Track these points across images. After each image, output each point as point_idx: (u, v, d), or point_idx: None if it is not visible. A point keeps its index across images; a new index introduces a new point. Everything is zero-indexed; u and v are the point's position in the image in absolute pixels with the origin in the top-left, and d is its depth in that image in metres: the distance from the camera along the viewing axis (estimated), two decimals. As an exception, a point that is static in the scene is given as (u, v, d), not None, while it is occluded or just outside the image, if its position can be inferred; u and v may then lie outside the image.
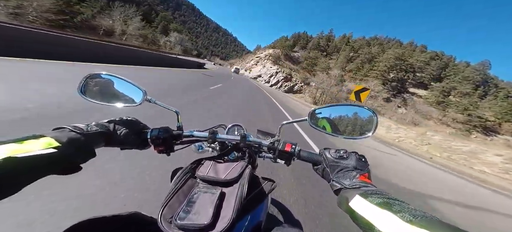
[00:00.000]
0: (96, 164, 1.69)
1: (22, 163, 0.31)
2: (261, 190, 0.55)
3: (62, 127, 0.43)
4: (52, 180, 0.43)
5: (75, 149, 0.40)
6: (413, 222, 0.29)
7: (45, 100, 2.80)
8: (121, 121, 0.55)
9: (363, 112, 0.59)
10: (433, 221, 0.29)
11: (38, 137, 0.37)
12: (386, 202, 0.35)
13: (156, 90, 5.82)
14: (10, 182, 0.30)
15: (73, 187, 1.45)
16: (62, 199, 1.34)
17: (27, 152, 0.32)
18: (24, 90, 2.98)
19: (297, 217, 1.05)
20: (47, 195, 1.32)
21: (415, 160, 9.22)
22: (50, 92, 3.21)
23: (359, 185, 0.43)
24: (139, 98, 0.61)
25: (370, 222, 0.34)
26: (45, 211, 1.22)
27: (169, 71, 12.21)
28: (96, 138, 0.47)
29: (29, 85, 3.25)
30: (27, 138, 0.35)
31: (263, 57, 59.85)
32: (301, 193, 2.37)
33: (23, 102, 2.52)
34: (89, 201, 1.40)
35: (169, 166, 0.70)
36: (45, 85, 3.48)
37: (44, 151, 0.34)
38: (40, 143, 0.35)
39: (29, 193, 1.27)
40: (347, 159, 0.50)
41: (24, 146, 0.33)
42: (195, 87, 8.77)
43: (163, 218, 0.41)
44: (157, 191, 1.65)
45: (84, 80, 0.59)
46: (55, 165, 0.37)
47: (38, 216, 1.19)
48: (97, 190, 1.51)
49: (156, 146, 0.59)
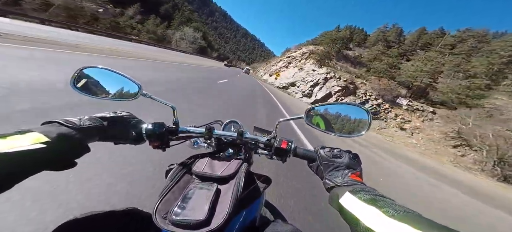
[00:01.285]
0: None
1: (7, 159, 0.31)
2: (256, 186, 0.56)
3: (53, 121, 0.42)
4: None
5: (66, 144, 0.39)
6: (395, 216, 0.31)
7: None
8: (115, 115, 0.54)
9: (358, 111, 0.60)
10: (414, 216, 0.31)
11: (25, 132, 0.36)
12: (372, 198, 0.37)
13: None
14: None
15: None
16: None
17: (12, 148, 0.31)
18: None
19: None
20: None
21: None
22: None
23: (350, 183, 0.45)
24: (135, 92, 0.61)
25: (356, 217, 0.35)
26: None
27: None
28: (89, 133, 0.46)
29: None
30: (11, 134, 0.34)
31: (298, 55, 37.07)
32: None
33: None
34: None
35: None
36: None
37: (32, 146, 0.33)
38: (27, 138, 0.34)
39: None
40: (341, 157, 0.51)
41: (8, 142, 0.32)
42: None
43: (158, 213, 0.41)
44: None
45: (78, 73, 0.57)
46: (45, 161, 0.36)
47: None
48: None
49: (151, 141, 0.58)
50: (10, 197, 1.12)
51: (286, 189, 2.27)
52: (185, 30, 59.31)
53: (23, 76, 3.03)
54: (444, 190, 5.25)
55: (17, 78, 2.87)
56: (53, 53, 5.57)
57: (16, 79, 2.82)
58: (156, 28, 49.32)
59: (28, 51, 4.74)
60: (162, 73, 8.21)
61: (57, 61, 4.81)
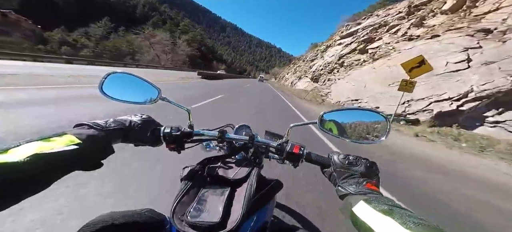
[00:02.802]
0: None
1: (47, 159, 0.33)
2: (267, 190, 0.55)
3: (83, 123, 0.45)
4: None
5: (95, 145, 0.41)
6: (412, 229, 0.29)
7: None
8: (137, 118, 0.58)
9: (375, 117, 0.59)
10: (433, 228, 0.29)
11: (61, 135, 0.38)
12: (389, 209, 0.35)
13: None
14: (39, 178, 0.32)
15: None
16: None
17: (51, 149, 0.34)
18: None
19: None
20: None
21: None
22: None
23: (365, 192, 0.43)
24: (155, 96, 0.65)
25: (371, 228, 0.34)
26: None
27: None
28: (114, 134, 0.49)
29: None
30: (51, 136, 0.37)
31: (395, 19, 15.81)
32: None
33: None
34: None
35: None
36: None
37: (67, 147, 0.36)
38: (62, 140, 0.37)
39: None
40: (356, 165, 0.50)
41: (48, 143, 0.35)
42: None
43: (175, 215, 0.43)
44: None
45: (104, 78, 0.61)
46: (77, 161, 0.38)
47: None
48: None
49: (168, 143, 0.61)
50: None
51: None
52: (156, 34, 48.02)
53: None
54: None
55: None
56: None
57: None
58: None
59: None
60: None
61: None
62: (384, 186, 2.64)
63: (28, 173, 0.30)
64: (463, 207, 2.38)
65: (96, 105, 4.33)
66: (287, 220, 0.97)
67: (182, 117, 1.59)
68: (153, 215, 0.51)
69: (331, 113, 0.60)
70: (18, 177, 0.29)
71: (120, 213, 0.46)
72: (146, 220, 0.48)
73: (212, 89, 12.34)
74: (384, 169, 2.15)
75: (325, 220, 1.76)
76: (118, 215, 0.45)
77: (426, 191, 2.69)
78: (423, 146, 5.16)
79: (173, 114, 3.92)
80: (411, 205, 2.26)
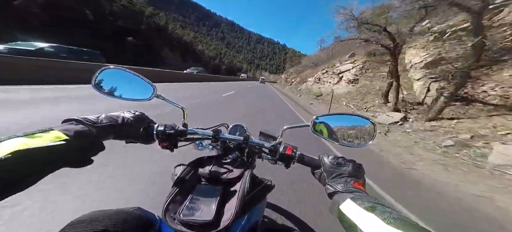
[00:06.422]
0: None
1: (31, 156, 0.32)
2: (259, 190, 0.56)
3: (72, 119, 0.44)
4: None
5: (83, 141, 0.40)
6: (392, 223, 0.32)
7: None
8: (129, 114, 0.56)
9: (364, 122, 0.62)
10: (411, 224, 0.32)
11: (47, 131, 0.37)
12: (372, 206, 0.37)
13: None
14: (21, 175, 0.31)
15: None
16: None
17: (35, 145, 0.33)
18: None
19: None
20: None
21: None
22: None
23: (352, 190, 0.45)
24: (149, 93, 0.63)
25: (355, 223, 0.36)
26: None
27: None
28: (106, 131, 0.48)
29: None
30: (36, 132, 0.36)
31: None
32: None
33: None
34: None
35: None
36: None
37: (52, 143, 0.35)
38: (48, 136, 0.36)
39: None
40: (345, 166, 0.52)
41: (33, 140, 0.34)
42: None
43: (168, 214, 0.43)
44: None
45: (98, 74, 0.59)
46: (64, 158, 0.37)
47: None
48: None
49: (161, 141, 0.60)
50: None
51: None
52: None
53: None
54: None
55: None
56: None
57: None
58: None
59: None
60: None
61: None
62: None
63: (9, 170, 0.29)
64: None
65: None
66: (275, 218, 1.00)
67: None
68: (142, 213, 0.50)
69: (324, 117, 0.63)
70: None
71: (107, 211, 0.45)
72: (135, 218, 0.47)
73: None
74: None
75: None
76: (105, 213, 0.44)
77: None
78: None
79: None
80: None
